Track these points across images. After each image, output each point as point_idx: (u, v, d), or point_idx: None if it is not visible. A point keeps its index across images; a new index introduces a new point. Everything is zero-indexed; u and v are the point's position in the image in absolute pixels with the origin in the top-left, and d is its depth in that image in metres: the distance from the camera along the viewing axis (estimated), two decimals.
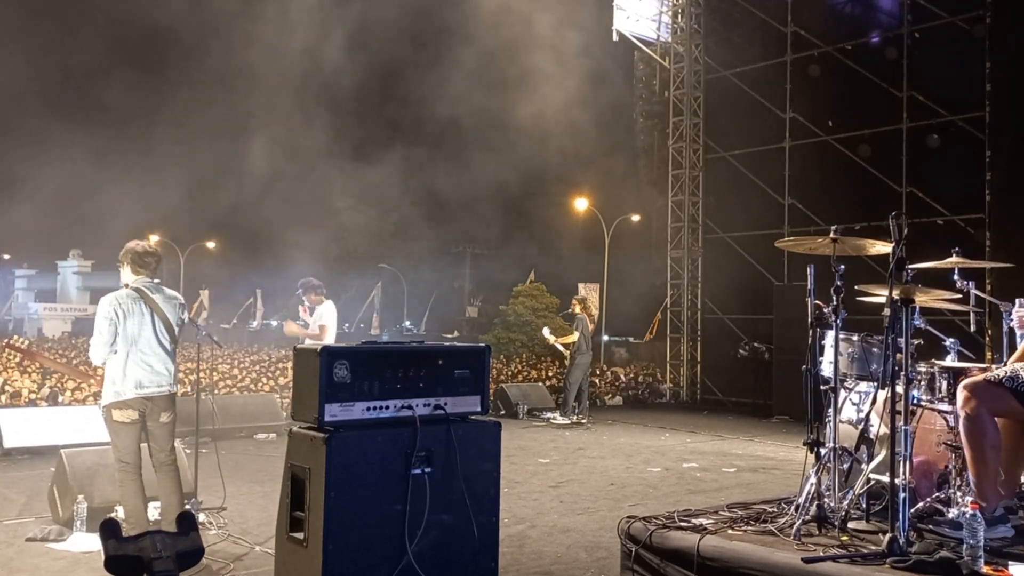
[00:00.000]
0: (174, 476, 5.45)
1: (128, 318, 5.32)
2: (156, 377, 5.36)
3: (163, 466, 5.43)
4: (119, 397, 5.27)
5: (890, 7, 15.50)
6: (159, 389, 5.37)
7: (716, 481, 8.48)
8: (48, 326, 52.10)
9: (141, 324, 5.35)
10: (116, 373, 5.29)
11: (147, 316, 5.38)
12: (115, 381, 5.30)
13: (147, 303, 5.41)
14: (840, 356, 5.05)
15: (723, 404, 16.93)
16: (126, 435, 5.31)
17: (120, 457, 5.31)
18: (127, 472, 5.31)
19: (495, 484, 4.36)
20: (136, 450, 5.36)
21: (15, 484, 7.72)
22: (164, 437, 5.44)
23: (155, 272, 5.58)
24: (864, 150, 14.90)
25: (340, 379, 3.95)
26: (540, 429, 12.58)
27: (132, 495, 5.32)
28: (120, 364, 5.29)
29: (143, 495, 5.36)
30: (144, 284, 5.47)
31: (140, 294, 5.42)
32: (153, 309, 5.41)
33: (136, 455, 5.35)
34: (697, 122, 18.27)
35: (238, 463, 8.81)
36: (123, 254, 5.54)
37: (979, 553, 3.78)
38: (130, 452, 5.32)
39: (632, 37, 19.36)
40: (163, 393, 5.39)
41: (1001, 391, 4.28)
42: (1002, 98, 12.98)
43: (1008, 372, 4.33)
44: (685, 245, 18.29)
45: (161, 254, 5.66)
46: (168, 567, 4.60)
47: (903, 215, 4.38)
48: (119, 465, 5.33)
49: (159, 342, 5.40)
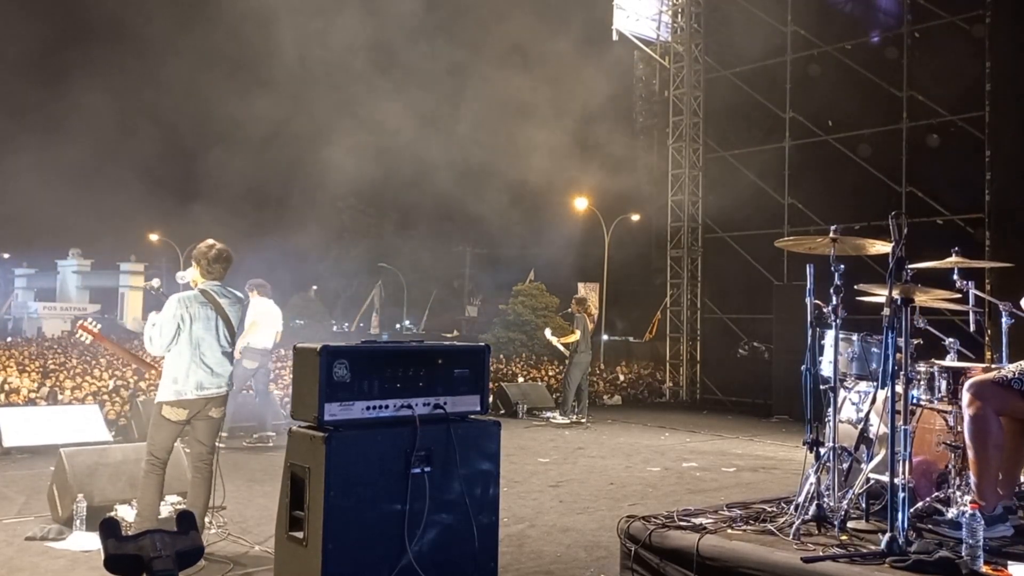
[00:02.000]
0: (208, 477, 5.47)
1: (195, 322, 5.36)
2: (216, 379, 5.42)
3: (201, 463, 5.46)
4: (180, 396, 5.32)
5: (890, 7, 15.49)
6: (218, 390, 5.44)
7: (716, 481, 8.48)
8: (48, 325, 52.08)
9: (206, 328, 5.39)
10: (179, 373, 5.34)
11: (212, 320, 5.42)
12: (177, 380, 5.34)
13: (214, 307, 5.44)
14: (840, 356, 5.06)
15: (723, 404, 16.92)
16: (168, 432, 5.36)
17: (153, 451, 5.35)
18: (154, 466, 5.35)
19: (495, 483, 4.36)
20: (170, 448, 5.42)
21: (14, 483, 7.71)
22: (209, 432, 5.48)
23: (224, 275, 5.60)
24: (864, 150, 14.89)
25: (340, 378, 3.96)
26: (540, 428, 12.58)
27: (151, 490, 5.34)
28: (184, 365, 5.33)
29: (161, 492, 5.40)
30: (212, 287, 5.50)
31: (207, 297, 5.45)
32: (219, 313, 5.45)
33: (168, 453, 5.40)
34: (697, 122, 18.27)
35: (238, 462, 8.80)
36: (196, 255, 5.58)
37: (978, 552, 3.78)
38: (164, 449, 5.37)
39: (632, 36, 19.35)
40: (221, 393, 5.47)
41: (1008, 392, 4.28)
42: (1002, 98, 12.97)
43: (1016, 373, 4.31)
44: (685, 245, 18.29)
45: (232, 256, 5.63)
46: (168, 566, 4.60)
47: (903, 215, 4.38)
48: (148, 459, 5.35)
49: (220, 345, 5.45)
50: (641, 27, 19.27)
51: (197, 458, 5.47)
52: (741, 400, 16.53)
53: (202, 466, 5.47)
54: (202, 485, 5.46)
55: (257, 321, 9.91)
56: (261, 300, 10.23)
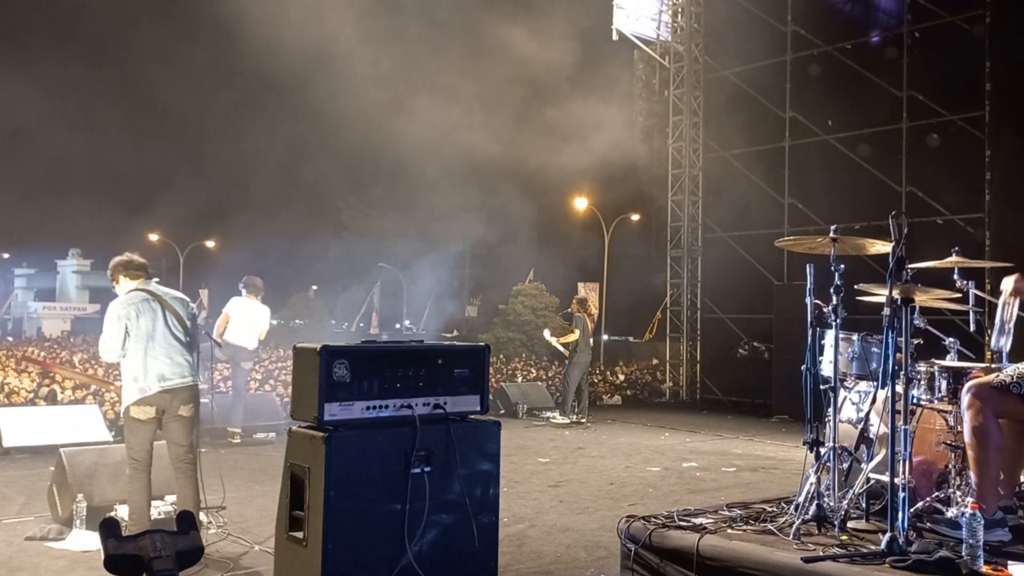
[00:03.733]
0: (192, 475, 5.44)
1: (141, 316, 5.37)
2: (178, 368, 5.40)
3: (181, 463, 5.43)
4: (144, 393, 5.31)
5: (890, 7, 15.49)
6: (182, 380, 5.42)
7: (716, 481, 8.48)
8: (48, 325, 52.11)
9: (154, 320, 5.40)
10: (137, 370, 5.33)
11: (159, 312, 5.43)
12: (137, 378, 5.33)
13: (156, 300, 5.46)
14: (840, 356, 5.06)
15: (723, 403, 16.92)
16: (141, 433, 5.34)
17: (132, 454, 5.33)
18: (136, 470, 5.33)
19: (495, 483, 4.36)
20: (148, 448, 5.38)
21: (14, 483, 7.71)
22: (182, 432, 5.44)
23: (148, 276, 5.63)
24: (864, 149, 14.89)
25: (340, 378, 3.95)
26: (540, 428, 12.58)
27: (138, 493, 5.33)
28: (140, 360, 5.33)
29: (148, 494, 5.37)
30: (148, 284, 5.54)
31: (146, 292, 5.47)
32: (163, 304, 5.47)
33: (148, 453, 5.37)
34: (697, 121, 18.27)
35: (237, 462, 8.80)
36: (112, 270, 5.61)
37: (978, 552, 3.78)
38: (142, 450, 5.34)
39: (632, 36, 19.33)
40: (186, 384, 5.44)
41: (1007, 396, 4.27)
42: (1002, 98, 12.97)
43: (1014, 377, 4.31)
44: (685, 244, 18.29)
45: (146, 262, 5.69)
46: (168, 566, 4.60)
47: (903, 215, 4.38)
48: (130, 462, 5.34)
49: (173, 335, 5.44)
50: (641, 27, 19.26)
51: (177, 459, 5.43)
52: (741, 400, 16.52)
53: (183, 466, 5.43)
54: (188, 485, 5.42)
55: (231, 316, 10.19)
56: (245, 299, 10.43)
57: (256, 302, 10.53)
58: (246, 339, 10.34)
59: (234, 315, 10.28)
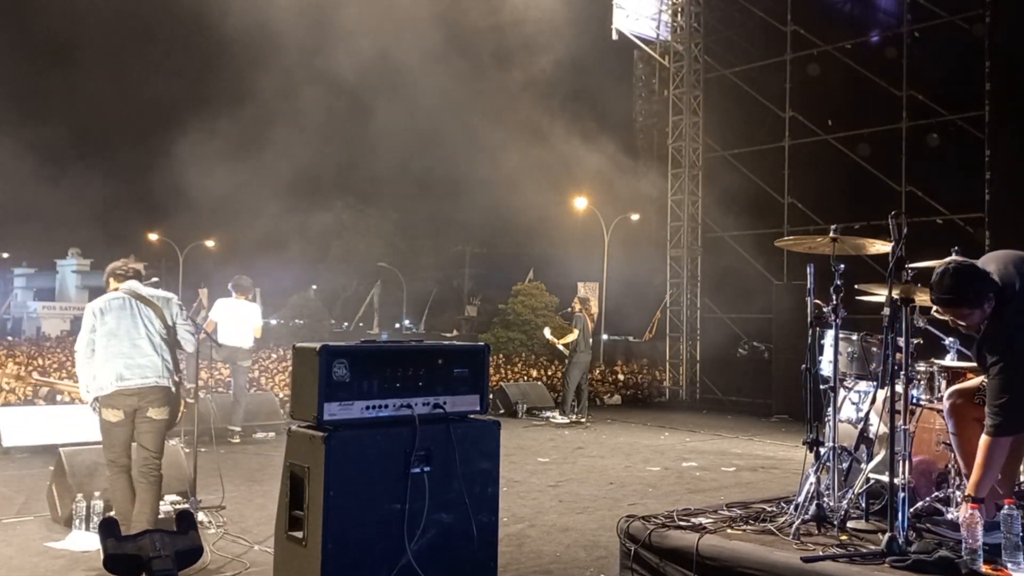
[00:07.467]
0: (154, 486, 5.31)
1: (107, 313, 5.33)
2: (138, 369, 5.27)
3: (145, 469, 5.29)
4: (101, 392, 5.24)
5: (890, 6, 15.49)
6: (143, 380, 5.26)
7: (715, 480, 8.48)
8: (47, 325, 52.11)
9: (120, 318, 5.33)
10: (97, 368, 5.28)
11: (129, 310, 5.37)
12: (96, 376, 5.27)
13: (137, 300, 5.41)
14: (840, 355, 5.06)
15: (722, 403, 16.92)
16: (113, 435, 5.28)
17: (109, 457, 5.30)
18: (115, 472, 5.30)
19: (494, 483, 4.35)
20: (125, 451, 5.32)
21: (14, 483, 7.71)
22: (151, 437, 5.31)
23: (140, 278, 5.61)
24: (863, 149, 14.88)
25: (339, 378, 3.95)
26: (539, 428, 12.58)
27: (120, 496, 5.30)
28: (100, 359, 5.27)
29: (132, 496, 5.30)
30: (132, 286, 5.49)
31: (127, 293, 5.44)
32: (140, 303, 5.41)
33: (124, 456, 5.31)
34: (697, 121, 18.26)
35: (237, 462, 8.81)
36: (105, 275, 5.66)
37: (978, 552, 3.78)
38: (118, 452, 5.29)
39: (632, 36, 19.33)
40: (148, 384, 5.27)
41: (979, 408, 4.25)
42: (1001, 98, 12.96)
43: None
44: (685, 244, 18.28)
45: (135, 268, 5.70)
46: (167, 566, 4.61)
47: (902, 214, 4.38)
48: (108, 465, 5.32)
49: (143, 334, 5.34)
50: (641, 26, 19.26)
51: (143, 463, 5.30)
52: (741, 400, 16.52)
53: (147, 472, 5.29)
54: (148, 491, 5.28)
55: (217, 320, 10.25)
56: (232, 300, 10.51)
57: (244, 302, 10.58)
58: (240, 339, 10.36)
59: (221, 318, 10.32)
